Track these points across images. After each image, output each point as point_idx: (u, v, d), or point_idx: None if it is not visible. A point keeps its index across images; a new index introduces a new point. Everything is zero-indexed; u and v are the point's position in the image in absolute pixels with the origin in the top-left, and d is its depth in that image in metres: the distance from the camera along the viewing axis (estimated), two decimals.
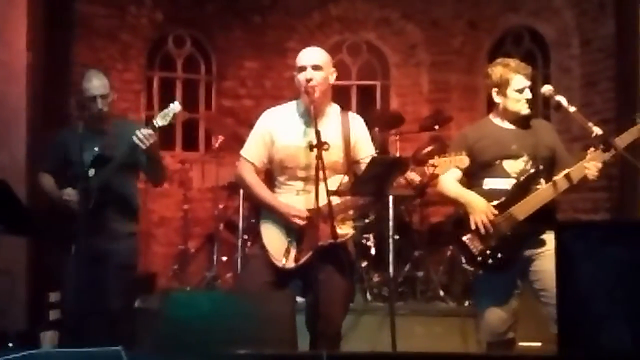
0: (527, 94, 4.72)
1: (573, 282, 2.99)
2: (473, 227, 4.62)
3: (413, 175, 4.35)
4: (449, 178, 4.74)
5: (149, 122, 5.14)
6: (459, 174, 4.75)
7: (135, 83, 8.80)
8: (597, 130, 4.53)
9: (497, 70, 4.77)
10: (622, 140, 4.58)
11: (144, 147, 4.99)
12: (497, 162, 4.69)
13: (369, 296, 6.97)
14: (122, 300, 5.33)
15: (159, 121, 5.02)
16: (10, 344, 5.89)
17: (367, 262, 7.24)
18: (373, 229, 7.35)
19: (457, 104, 9.08)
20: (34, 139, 6.79)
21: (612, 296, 2.94)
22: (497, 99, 4.78)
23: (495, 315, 4.75)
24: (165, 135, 8.96)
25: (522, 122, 4.78)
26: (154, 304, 6.62)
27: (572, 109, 4.62)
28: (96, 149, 5.26)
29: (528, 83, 4.73)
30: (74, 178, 5.23)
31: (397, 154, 7.65)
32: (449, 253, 7.32)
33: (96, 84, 5.31)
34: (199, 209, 8.64)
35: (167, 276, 7.87)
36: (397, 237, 7.01)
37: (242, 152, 4.68)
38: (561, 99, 4.65)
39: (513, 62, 4.80)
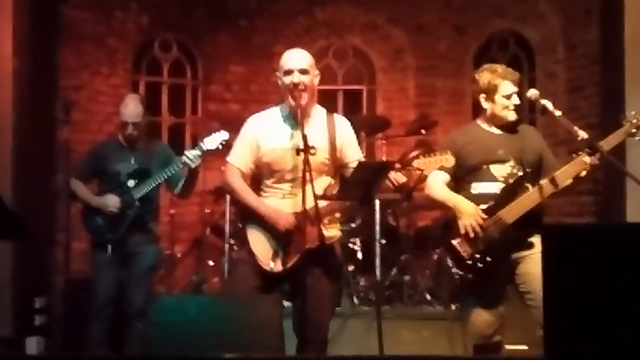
0: (515, 100, 4.73)
1: (559, 285, 2.99)
2: (462, 231, 4.62)
3: (398, 176, 4.34)
4: (437, 181, 4.75)
5: (196, 144, 5.62)
6: (446, 177, 4.76)
7: (121, 87, 8.76)
8: (582, 134, 4.55)
9: (484, 76, 4.77)
10: (608, 143, 4.61)
11: (193, 166, 5.53)
12: (484, 166, 4.70)
13: (355, 300, 6.96)
14: (146, 298, 5.76)
15: (207, 145, 5.50)
16: None
17: (354, 266, 7.24)
18: (360, 233, 7.35)
19: (444, 108, 9.09)
20: (20, 143, 6.78)
21: (598, 299, 2.95)
22: (484, 104, 4.78)
23: (481, 318, 4.77)
24: None
25: (509, 127, 4.79)
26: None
27: (557, 113, 4.64)
28: (133, 162, 5.84)
29: (516, 89, 4.74)
30: (110, 187, 5.82)
31: (384, 158, 7.66)
32: (435, 257, 7.33)
33: (130, 111, 5.85)
34: (186, 213, 8.61)
35: (154, 281, 7.84)
36: (383, 241, 7.02)
37: (229, 158, 4.69)
38: (547, 103, 4.67)
39: (500, 68, 4.80)
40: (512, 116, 4.75)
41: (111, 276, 5.75)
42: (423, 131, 7.89)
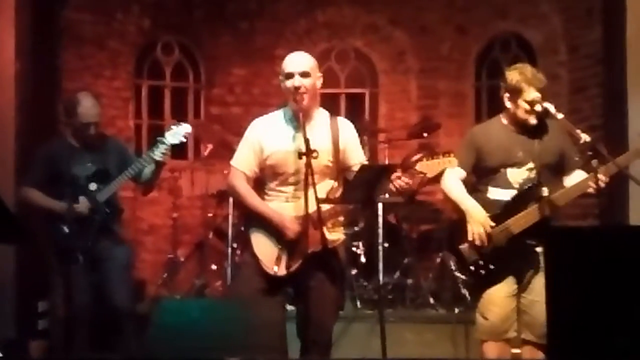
0: (538, 107, 4.70)
1: (562, 287, 2.99)
2: (470, 237, 4.67)
3: (402, 180, 4.34)
4: (454, 177, 4.76)
5: (158, 140, 5.50)
6: (463, 174, 4.79)
7: (123, 91, 8.77)
8: (585, 137, 4.54)
9: (512, 76, 4.72)
10: (619, 162, 4.60)
11: (162, 160, 5.47)
12: (502, 170, 4.73)
13: (358, 303, 6.96)
14: (130, 301, 5.69)
15: (169, 139, 5.43)
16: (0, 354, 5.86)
17: (356, 269, 7.24)
18: (363, 236, 7.35)
19: (446, 110, 9.08)
20: (23, 146, 6.78)
21: (601, 301, 2.95)
22: (507, 103, 4.75)
23: (495, 314, 4.76)
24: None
25: (530, 128, 4.76)
26: (143, 312, 6.60)
27: (559, 115, 4.63)
28: (89, 164, 5.59)
29: (539, 96, 4.69)
30: (68, 192, 5.51)
31: (386, 162, 7.65)
32: (438, 260, 7.33)
33: (90, 112, 5.60)
34: (188, 216, 8.61)
35: (156, 284, 7.84)
36: (386, 244, 7.01)
37: (233, 162, 4.69)
38: (549, 106, 4.65)
39: (530, 73, 4.72)
40: (532, 120, 4.71)
41: (84, 284, 5.52)
42: (425, 134, 7.89)
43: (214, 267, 7.79)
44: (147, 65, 9.14)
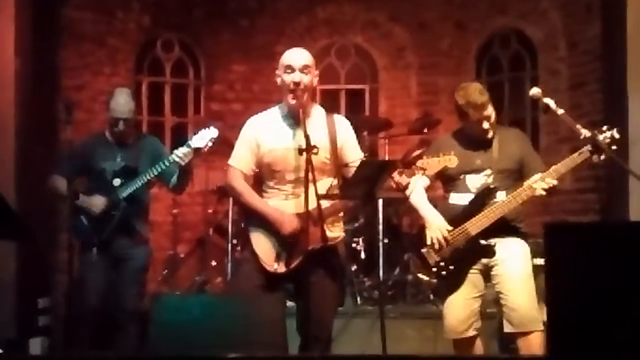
0: (485, 125, 4.81)
1: (562, 284, 2.99)
2: (428, 242, 4.86)
3: (402, 179, 4.36)
4: (416, 187, 4.89)
5: (185, 142, 5.47)
6: (426, 182, 4.96)
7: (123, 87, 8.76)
8: (585, 132, 4.56)
9: (457, 98, 4.89)
10: (558, 169, 4.67)
11: (182, 163, 5.37)
12: (462, 176, 4.86)
13: (359, 300, 6.96)
14: (137, 302, 5.67)
15: (195, 142, 5.39)
16: (0, 351, 5.87)
17: (357, 265, 7.24)
18: (363, 232, 7.35)
19: (446, 106, 9.03)
20: (23, 144, 6.78)
21: (602, 298, 2.94)
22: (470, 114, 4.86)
23: (454, 315, 4.95)
24: None
25: (487, 138, 4.88)
26: (143, 309, 6.60)
27: (560, 111, 4.64)
28: (119, 159, 5.64)
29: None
30: (96, 185, 5.61)
31: (386, 157, 7.65)
32: None
33: (121, 107, 5.65)
34: (189, 213, 8.62)
35: (157, 281, 7.85)
36: (386, 240, 7.01)
37: (230, 161, 4.67)
38: (549, 101, 4.68)
39: (472, 95, 4.81)
40: (485, 135, 4.85)
41: (98, 279, 5.56)
42: (425, 130, 7.88)
43: (214, 263, 7.79)
44: (147, 62, 9.13)
